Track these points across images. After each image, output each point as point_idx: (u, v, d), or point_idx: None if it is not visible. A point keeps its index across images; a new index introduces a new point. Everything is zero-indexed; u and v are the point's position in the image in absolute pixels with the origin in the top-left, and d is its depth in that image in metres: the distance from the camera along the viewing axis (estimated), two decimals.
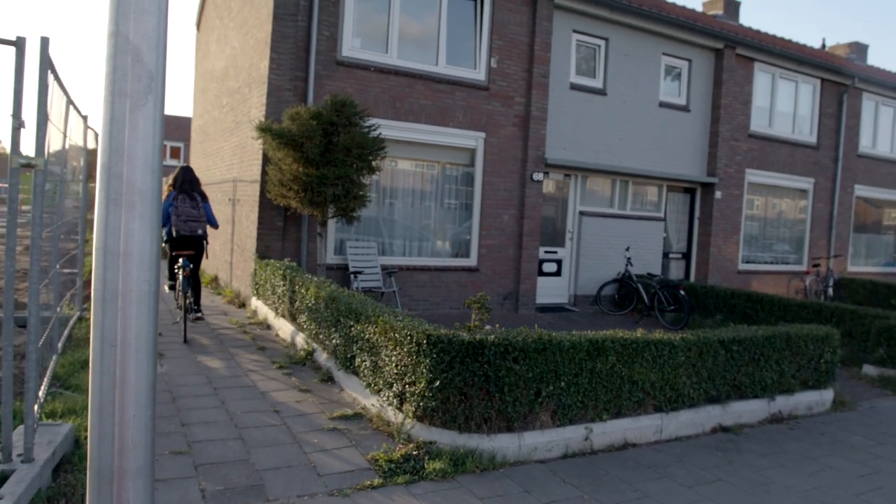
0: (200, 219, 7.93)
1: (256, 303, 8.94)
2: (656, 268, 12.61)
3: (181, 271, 7.33)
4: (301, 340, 7.02)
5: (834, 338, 6.47)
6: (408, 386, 4.65)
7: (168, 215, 7.78)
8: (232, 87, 11.19)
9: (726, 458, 4.94)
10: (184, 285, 7.24)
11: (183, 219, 7.79)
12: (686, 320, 10.19)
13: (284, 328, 7.66)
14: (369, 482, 3.94)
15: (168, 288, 8.85)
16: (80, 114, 7.07)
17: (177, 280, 7.75)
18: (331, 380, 6.05)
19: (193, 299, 7.94)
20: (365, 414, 5.15)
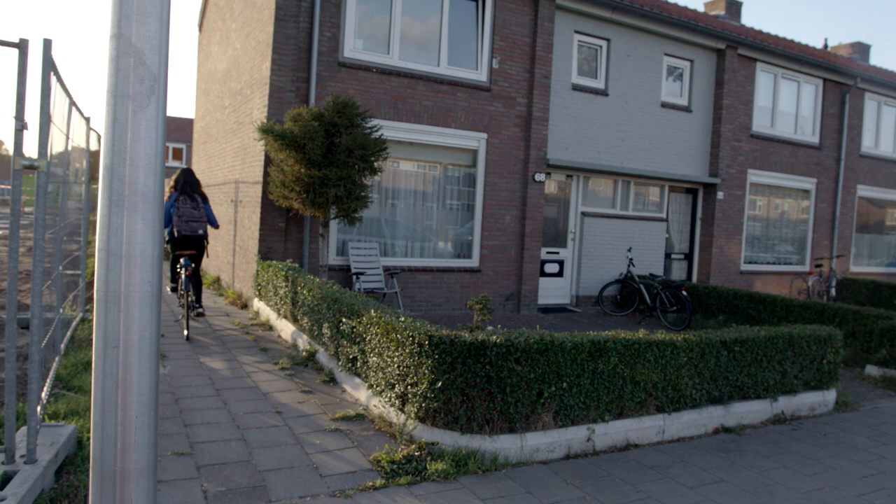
0: (201, 219, 8.08)
1: (258, 304, 8.95)
2: (658, 268, 12.60)
3: (183, 270, 7.55)
4: (303, 341, 7.03)
5: (836, 338, 6.46)
6: (410, 387, 4.65)
7: (170, 216, 7.90)
8: (234, 88, 11.21)
9: (729, 458, 4.93)
10: (185, 283, 7.53)
11: (184, 219, 7.93)
12: (688, 321, 10.17)
13: (286, 329, 7.67)
14: (371, 483, 3.94)
15: (170, 290, 8.92)
16: (83, 115, 7.10)
17: (179, 280, 7.89)
18: (333, 381, 6.05)
19: (195, 296, 8.09)
20: (367, 415, 5.16)
